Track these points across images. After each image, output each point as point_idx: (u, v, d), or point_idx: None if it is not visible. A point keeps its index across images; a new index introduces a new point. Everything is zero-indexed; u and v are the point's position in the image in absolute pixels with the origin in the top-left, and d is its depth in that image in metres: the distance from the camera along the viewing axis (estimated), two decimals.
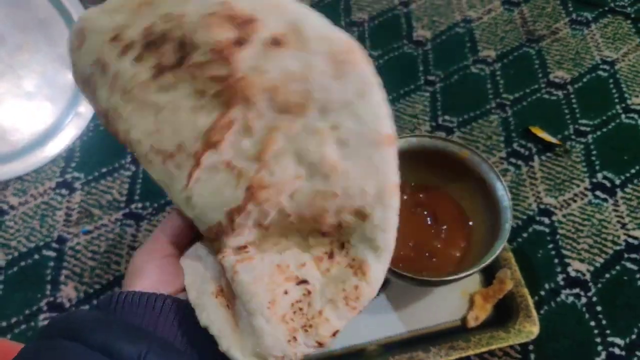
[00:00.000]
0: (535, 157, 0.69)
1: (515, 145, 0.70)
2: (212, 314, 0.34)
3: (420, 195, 0.60)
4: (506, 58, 0.78)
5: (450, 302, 0.58)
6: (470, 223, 0.58)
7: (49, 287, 0.61)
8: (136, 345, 0.33)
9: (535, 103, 0.74)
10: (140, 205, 0.67)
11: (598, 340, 0.56)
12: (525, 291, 0.56)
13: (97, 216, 0.66)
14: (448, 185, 0.59)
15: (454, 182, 0.59)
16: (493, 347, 0.54)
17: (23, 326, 0.59)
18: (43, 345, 0.34)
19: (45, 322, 0.59)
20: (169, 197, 0.34)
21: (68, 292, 0.61)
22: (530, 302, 0.56)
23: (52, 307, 0.60)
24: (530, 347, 0.56)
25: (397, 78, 0.77)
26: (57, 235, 0.65)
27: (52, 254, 0.63)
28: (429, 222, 0.58)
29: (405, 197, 0.60)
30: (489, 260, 0.50)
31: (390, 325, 0.56)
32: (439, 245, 0.57)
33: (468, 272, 0.49)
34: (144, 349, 0.33)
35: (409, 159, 0.58)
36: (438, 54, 0.79)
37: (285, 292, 0.31)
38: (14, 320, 0.59)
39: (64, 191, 0.68)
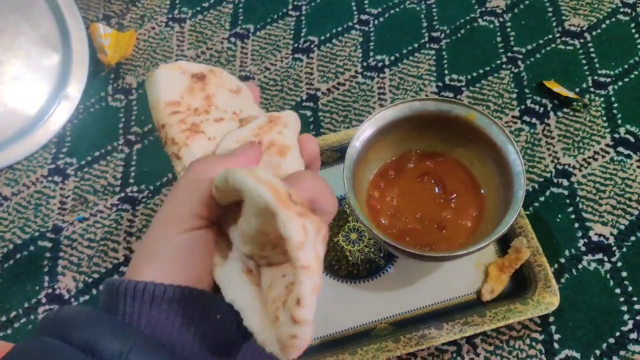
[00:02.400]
0: (551, 114, 0.64)
1: (529, 102, 0.65)
2: (240, 290, 0.32)
3: (427, 163, 0.56)
4: (517, 7, 0.72)
5: (463, 274, 0.54)
6: (482, 191, 0.54)
7: (46, 278, 0.59)
8: (119, 342, 0.30)
9: (550, 55, 0.68)
10: (135, 188, 0.64)
11: (624, 308, 0.53)
12: (544, 260, 0.53)
13: (92, 202, 0.64)
14: (456, 150, 0.55)
15: (463, 147, 0.55)
16: (510, 321, 0.51)
17: (23, 320, 0.57)
18: (28, 344, 0.32)
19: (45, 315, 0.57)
20: None
21: (66, 283, 0.59)
22: (549, 271, 0.52)
23: (52, 299, 0.58)
24: (551, 319, 0.53)
25: (399, 37, 0.72)
26: (52, 224, 0.62)
27: (47, 244, 0.61)
28: (438, 192, 0.54)
29: (410, 166, 0.56)
30: (501, 232, 0.46)
31: (400, 302, 0.54)
32: (448, 216, 0.53)
33: (480, 246, 0.45)
34: (126, 347, 0.30)
35: (412, 125, 0.54)
36: (443, 8, 0.74)
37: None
38: (13, 314, 0.57)
39: (56, 178, 0.66)
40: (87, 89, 0.71)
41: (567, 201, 0.58)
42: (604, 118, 0.63)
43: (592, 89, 0.65)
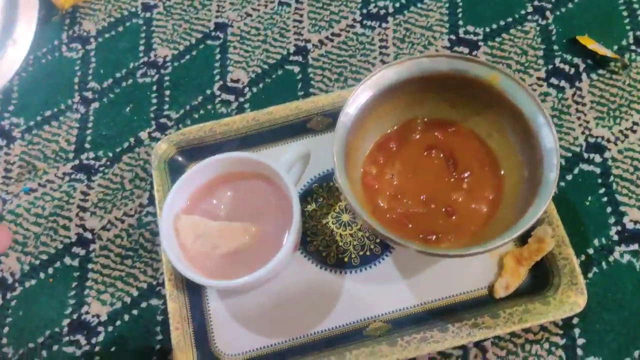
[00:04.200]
0: (584, 76, 0.54)
1: (557, 62, 0.55)
2: None
3: (436, 134, 0.47)
4: None
5: (473, 266, 0.46)
6: (502, 170, 0.45)
7: None
8: None
9: (584, 5, 0.58)
10: (91, 155, 0.55)
11: None
12: (570, 252, 0.45)
13: (41, 170, 0.55)
14: (472, 119, 0.46)
15: (480, 115, 0.46)
16: (528, 324, 0.43)
17: None
18: None
19: None
20: None
21: (10, 265, 0.51)
22: (576, 264, 0.44)
23: None
24: (575, 321, 0.45)
25: None
26: None
27: None
28: (447, 169, 0.45)
29: (416, 137, 0.47)
30: (527, 224, 0.37)
31: (398, 296, 0.46)
32: (460, 199, 0.44)
33: (499, 243, 0.37)
34: None
35: (419, 87, 0.44)
36: None
37: None
38: None
39: (0, 141, 0.56)
40: (38, 37, 0.61)
41: (599, 181, 0.50)
42: None
43: (633, 47, 0.55)
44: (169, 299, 0.46)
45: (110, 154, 0.55)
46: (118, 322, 0.48)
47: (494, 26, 0.58)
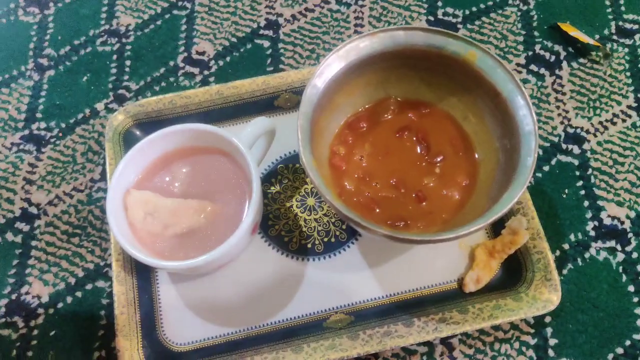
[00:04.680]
0: (564, 64, 0.52)
1: (538, 48, 0.53)
2: None
3: (409, 115, 0.44)
4: None
5: (442, 257, 0.44)
6: (476, 154, 0.42)
7: None
8: None
9: None
10: (43, 125, 0.51)
11: (638, 311, 0.43)
12: (545, 245, 0.42)
13: None
14: (447, 100, 0.44)
15: (456, 96, 0.43)
16: (498, 321, 0.41)
17: None
18: None
19: None
20: None
21: None
22: (551, 259, 0.42)
23: None
24: (547, 319, 0.43)
25: None
26: None
27: None
28: (420, 152, 0.43)
29: (388, 117, 0.44)
30: (502, 211, 0.34)
31: (362, 287, 0.43)
32: (431, 184, 0.42)
33: (471, 229, 0.34)
34: None
35: (394, 63, 0.42)
36: None
37: None
38: None
39: None
40: None
41: (577, 173, 0.48)
42: (628, 73, 0.52)
43: (615, 37, 0.54)
44: (116, 281, 0.42)
45: (63, 125, 0.51)
46: (60, 304, 0.44)
47: (474, 9, 0.55)
